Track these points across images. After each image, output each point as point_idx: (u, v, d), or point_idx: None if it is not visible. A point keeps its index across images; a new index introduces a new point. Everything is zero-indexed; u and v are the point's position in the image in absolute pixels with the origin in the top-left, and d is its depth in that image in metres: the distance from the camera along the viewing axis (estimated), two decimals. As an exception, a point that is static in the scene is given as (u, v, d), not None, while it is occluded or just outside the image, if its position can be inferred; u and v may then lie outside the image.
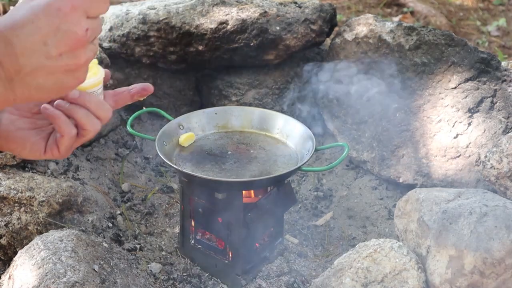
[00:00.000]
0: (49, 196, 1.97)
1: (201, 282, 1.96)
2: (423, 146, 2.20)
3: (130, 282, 1.82)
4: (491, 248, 1.54)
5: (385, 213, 2.22)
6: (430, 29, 2.29)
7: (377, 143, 2.29)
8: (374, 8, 4.36)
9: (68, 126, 1.23)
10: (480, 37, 3.98)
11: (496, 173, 1.86)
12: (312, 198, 2.33)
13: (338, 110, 2.42)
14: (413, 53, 2.26)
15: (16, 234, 1.96)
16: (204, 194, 1.91)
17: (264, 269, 1.98)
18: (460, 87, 2.19)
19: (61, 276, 1.67)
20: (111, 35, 2.45)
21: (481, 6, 4.42)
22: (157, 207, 2.26)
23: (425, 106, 2.23)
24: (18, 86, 1.07)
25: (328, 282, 1.67)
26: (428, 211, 1.70)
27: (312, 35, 2.42)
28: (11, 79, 1.06)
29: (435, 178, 2.17)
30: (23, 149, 1.30)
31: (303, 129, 1.97)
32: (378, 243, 1.67)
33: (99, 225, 2.08)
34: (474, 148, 2.13)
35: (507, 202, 1.66)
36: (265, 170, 1.86)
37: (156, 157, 2.47)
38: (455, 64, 2.20)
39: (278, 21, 2.39)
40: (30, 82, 1.07)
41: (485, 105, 2.16)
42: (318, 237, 2.17)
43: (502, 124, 2.12)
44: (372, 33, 2.35)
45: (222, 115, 2.06)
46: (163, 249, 2.09)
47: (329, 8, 2.47)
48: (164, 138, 1.92)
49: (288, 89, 2.53)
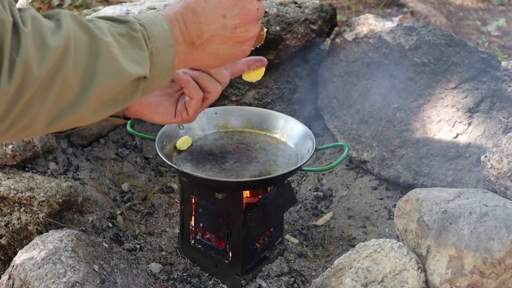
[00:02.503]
0: (49, 196, 1.97)
1: (201, 282, 1.96)
2: (423, 146, 2.20)
3: (130, 282, 1.82)
4: (491, 248, 1.54)
5: (385, 213, 2.22)
6: (430, 29, 2.28)
7: (377, 143, 2.29)
8: (374, 8, 4.36)
9: (197, 89, 1.44)
10: (480, 37, 3.98)
11: (496, 173, 1.86)
12: (312, 198, 2.33)
13: (338, 110, 2.42)
14: (413, 53, 2.26)
15: (16, 234, 1.96)
16: (204, 194, 1.91)
17: (264, 269, 1.98)
18: (460, 87, 2.19)
19: (61, 276, 1.67)
20: (111, 35, 2.45)
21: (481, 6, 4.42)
22: (157, 207, 2.26)
23: (425, 106, 2.23)
24: (196, 50, 1.24)
25: (328, 282, 1.67)
26: (428, 211, 1.70)
27: (312, 35, 2.42)
28: (192, 42, 1.22)
29: (435, 178, 2.17)
30: (156, 114, 1.49)
31: (303, 129, 1.97)
32: (378, 243, 1.67)
33: (99, 225, 2.08)
34: (474, 148, 2.13)
35: (507, 202, 1.66)
36: (265, 170, 1.86)
37: (156, 157, 2.47)
38: (455, 64, 2.20)
39: (278, 21, 2.39)
40: (206, 48, 1.24)
41: (485, 105, 2.16)
42: (318, 237, 2.17)
43: (502, 124, 2.12)
44: (372, 33, 2.35)
45: (222, 115, 2.05)
46: (163, 249, 2.09)
47: (329, 8, 2.46)
48: (164, 138, 1.92)
49: (288, 89, 2.53)
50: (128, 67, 1.07)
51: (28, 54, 0.93)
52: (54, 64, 0.97)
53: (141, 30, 1.12)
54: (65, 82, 0.99)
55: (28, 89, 0.95)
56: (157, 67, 1.14)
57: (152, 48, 1.13)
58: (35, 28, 0.96)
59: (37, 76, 0.95)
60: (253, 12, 1.29)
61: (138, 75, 1.10)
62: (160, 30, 1.15)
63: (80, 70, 1.01)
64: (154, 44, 1.13)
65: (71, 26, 1.01)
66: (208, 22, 1.23)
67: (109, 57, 1.05)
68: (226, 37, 1.26)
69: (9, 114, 0.95)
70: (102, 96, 1.06)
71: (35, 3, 3.07)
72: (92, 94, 1.03)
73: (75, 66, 1.00)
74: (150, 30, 1.13)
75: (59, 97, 1.00)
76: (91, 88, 1.03)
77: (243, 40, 1.29)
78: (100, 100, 1.06)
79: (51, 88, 0.98)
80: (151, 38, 1.13)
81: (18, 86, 0.93)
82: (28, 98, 0.96)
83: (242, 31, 1.27)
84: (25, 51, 0.93)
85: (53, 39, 0.97)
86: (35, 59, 0.94)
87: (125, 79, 1.08)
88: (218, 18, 1.24)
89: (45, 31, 0.97)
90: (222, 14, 1.24)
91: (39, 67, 0.95)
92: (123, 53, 1.07)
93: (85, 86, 1.02)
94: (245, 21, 1.27)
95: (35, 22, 0.97)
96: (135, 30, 1.11)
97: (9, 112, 0.95)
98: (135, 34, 1.11)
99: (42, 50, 0.95)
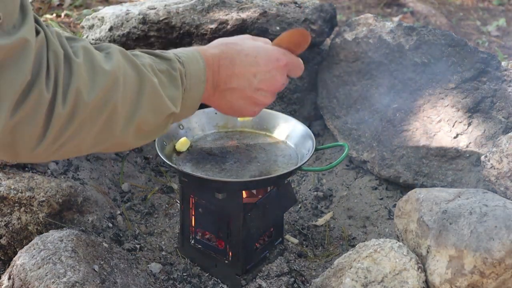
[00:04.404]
0: (49, 196, 1.97)
1: (201, 282, 1.96)
2: (423, 146, 2.20)
3: (130, 282, 1.82)
4: (491, 248, 1.54)
5: (385, 213, 2.22)
6: (430, 29, 2.29)
7: (377, 143, 2.29)
8: (374, 8, 4.36)
9: None
10: (480, 37, 3.98)
11: (496, 173, 1.86)
12: (312, 198, 2.33)
13: (338, 110, 2.42)
14: (413, 53, 2.26)
15: (16, 234, 1.96)
16: (204, 194, 1.91)
17: (264, 269, 1.98)
18: (460, 87, 2.19)
19: (61, 276, 1.67)
20: (111, 35, 2.45)
21: (481, 6, 4.42)
22: (157, 207, 2.26)
23: (425, 106, 2.23)
24: (217, 93, 1.33)
25: (328, 282, 1.67)
26: (428, 211, 1.70)
27: (312, 35, 2.42)
28: (217, 86, 1.32)
29: (435, 178, 2.17)
30: None
31: (303, 129, 1.97)
32: (378, 243, 1.67)
33: (99, 225, 2.08)
34: (474, 148, 2.13)
35: (507, 202, 1.66)
36: (265, 170, 1.86)
37: (156, 157, 2.47)
38: (455, 64, 2.20)
39: (278, 21, 2.39)
40: (226, 95, 1.35)
41: (485, 105, 2.16)
42: (318, 237, 2.17)
43: (502, 124, 2.12)
44: (372, 33, 2.35)
45: (222, 115, 2.05)
46: (163, 249, 2.09)
47: (329, 8, 2.46)
48: (164, 138, 1.92)
49: (288, 89, 2.53)
50: (166, 104, 1.17)
51: (79, 82, 1.03)
52: (104, 93, 1.06)
53: (180, 69, 1.20)
54: (114, 110, 1.08)
55: (79, 114, 1.04)
56: (187, 102, 1.23)
57: (186, 85, 1.22)
58: (86, 59, 1.05)
59: (87, 102, 1.04)
60: (279, 84, 1.40)
61: (172, 112, 1.20)
62: (196, 68, 1.24)
63: (127, 101, 1.10)
64: (189, 81, 1.22)
65: (120, 61, 1.10)
66: (239, 75, 1.32)
67: (153, 94, 1.14)
68: (247, 94, 1.36)
69: (62, 135, 1.04)
70: (143, 127, 1.16)
71: (35, 3, 3.07)
72: (135, 125, 1.13)
73: (124, 97, 1.09)
74: (187, 68, 1.22)
75: (107, 124, 1.09)
76: (135, 119, 1.13)
77: (259, 103, 1.40)
78: (141, 131, 1.16)
79: (101, 115, 1.07)
80: (188, 75, 1.22)
81: (71, 110, 1.02)
82: (80, 122, 1.05)
83: (262, 95, 1.37)
84: (77, 79, 1.02)
85: (103, 71, 1.06)
86: (85, 87, 1.03)
87: (163, 115, 1.19)
88: (249, 76, 1.33)
89: (96, 62, 1.06)
90: (254, 74, 1.33)
91: (89, 94, 1.04)
92: (163, 90, 1.16)
93: (130, 116, 1.12)
94: (269, 89, 1.38)
95: (86, 53, 1.06)
96: (174, 68, 1.20)
97: (62, 133, 1.04)
98: (175, 73, 1.19)
99: (92, 79, 1.05)
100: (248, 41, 1.39)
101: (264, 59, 1.36)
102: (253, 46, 1.37)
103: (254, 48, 1.37)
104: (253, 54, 1.34)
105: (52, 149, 1.05)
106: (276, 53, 1.39)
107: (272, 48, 1.40)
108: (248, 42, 1.38)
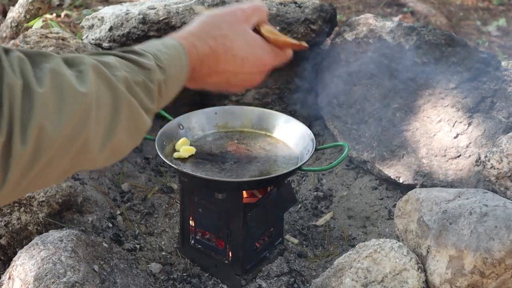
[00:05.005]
0: (49, 196, 1.97)
1: (201, 282, 1.96)
2: (423, 146, 2.20)
3: (130, 282, 1.82)
4: (491, 248, 1.54)
5: (385, 213, 2.22)
6: (430, 29, 2.28)
7: (377, 143, 2.29)
8: (374, 8, 4.36)
9: None
10: (480, 37, 3.98)
11: (496, 173, 1.86)
12: (312, 198, 2.33)
13: (338, 110, 2.42)
14: (413, 53, 2.26)
15: (16, 234, 1.96)
16: (204, 194, 1.91)
17: (264, 269, 1.98)
18: (460, 87, 2.18)
19: (61, 276, 1.67)
20: (111, 35, 2.45)
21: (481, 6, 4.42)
22: (157, 207, 2.26)
23: (425, 106, 2.23)
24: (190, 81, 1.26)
25: (328, 282, 1.67)
26: (428, 211, 1.70)
27: (312, 35, 2.42)
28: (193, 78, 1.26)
29: (435, 178, 2.17)
30: None
31: (303, 129, 1.97)
32: (378, 243, 1.67)
33: (99, 225, 2.08)
34: (474, 148, 2.13)
35: (507, 202, 1.66)
36: (265, 170, 1.86)
37: (156, 157, 2.47)
38: (455, 64, 2.20)
39: (278, 21, 2.39)
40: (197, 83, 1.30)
41: (485, 105, 2.16)
42: (318, 237, 2.17)
43: (502, 124, 2.12)
44: (372, 33, 2.35)
45: (222, 115, 2.05)
46: (163, 249, 2.09)
47: (329, 8, 2.46)
48: (164, 138, 1.91)
49: (288, 89, 2.53)
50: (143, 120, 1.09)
51: (41, 115, 0.90)
52: (74, 123, 0.94)
53: (158, 80, 1.11)
54: (86, 141, 0.97)
55: (45, 151, 0.92)
56: (161, 104, 1.15)
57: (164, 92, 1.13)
58: (54, 85, 0.93)
59: (53, 137, 0.91)
60: (255, 83, 1.36)
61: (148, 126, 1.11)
62: (178, 70, 1.17)
63: (101, 126, 1.00)
64: (170, 88, 1.15)
65: (93, 80, 0.98)
66: (220, 73, 1.29)
67: (129, 113, 1.05)
68: (220, 86, 1.33)
69: (26, 176, 0.92)
70: (118, 148, 1.06)
71: (35, 3, 3.07)
72: (109, 148, 1.03)
73: (97, 123, 0.98)
74: (168, 73, 1.13)
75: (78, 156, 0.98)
76: (109, 143, 1.02)
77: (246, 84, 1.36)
78: (115, 152, 1.07)
79: (71, 148, 0.96)
80: (168, 83, 1.14)
81: (34, 149, 0.90)
82: (46, 160, 0.93)
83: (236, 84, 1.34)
84: (39, 112, 0.90)
85: (74, 94, 0.94)
86: (50, 120, 0.91)
87: (140, 133, 1.10)
88: (230, 75, 1.30)
89: (66, 86, 0.94)
90: (235, 74, 1.30)
91: (55, 128, 0.92)
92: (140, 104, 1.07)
93: (105, 142, 1.01)
94: (245, 85, 1.35)
95: (54, 78, 0.93)
96: (152, 80, 1.10)
97: (27, 174, 0.92)
98: (151, 85, 1.10)
99: (59, 110, 0.92)
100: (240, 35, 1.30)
101: (251, 63, 1.30)
102: (244, 45, 1.29)
103: (244, 47, 1.29)
104: (241, 56, 1.28)
105: (17, 191, 0.94)
106: (266, 57, 1.33)
107: (264, 48, 1.33)
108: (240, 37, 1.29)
